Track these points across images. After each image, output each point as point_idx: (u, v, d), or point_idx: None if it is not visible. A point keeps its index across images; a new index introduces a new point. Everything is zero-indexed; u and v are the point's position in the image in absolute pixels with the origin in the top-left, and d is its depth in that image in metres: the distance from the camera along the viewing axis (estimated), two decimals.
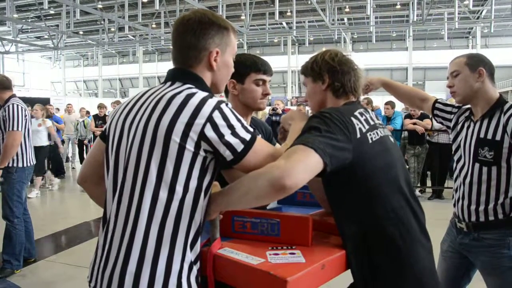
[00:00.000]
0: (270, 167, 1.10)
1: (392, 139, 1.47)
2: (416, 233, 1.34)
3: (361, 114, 1.37)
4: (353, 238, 1.31)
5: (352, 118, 1.31)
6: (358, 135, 1.29)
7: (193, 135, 1.11)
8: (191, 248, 1.17)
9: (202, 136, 1.11)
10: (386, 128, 1.49)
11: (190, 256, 1.16)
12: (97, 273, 1.20)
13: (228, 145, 1.13)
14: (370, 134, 1.33)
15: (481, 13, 24.15)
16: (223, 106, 1.15)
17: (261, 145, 1.19)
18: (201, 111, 1.12)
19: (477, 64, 1.93)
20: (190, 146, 1.11)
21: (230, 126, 1.13)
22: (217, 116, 1.12)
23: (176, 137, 1.11)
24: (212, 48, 1.26)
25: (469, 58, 1.97)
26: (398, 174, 1.36)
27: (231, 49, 1.32)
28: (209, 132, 1.11)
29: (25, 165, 3.79)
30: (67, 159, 11.15)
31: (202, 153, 1.13)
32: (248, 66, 1.70)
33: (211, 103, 1.13)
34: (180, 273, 1.13)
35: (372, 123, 1.38)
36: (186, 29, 1.25)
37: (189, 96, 1.15)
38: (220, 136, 1.12)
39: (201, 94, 1.16)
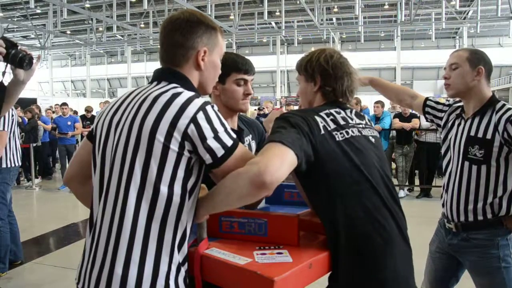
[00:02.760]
0: (248, 164, 1.10)
1: (372, 139, 1.44)
2: (393, 235, 1.31)
3: (329, 114, 1.36)
4: (329, 237, 1.31)
5: (316, 117, 1.33)
6: (322, 132, 1.30)
7: (177, 135, 1.10)
8: (179, 249, 1.16)
9: (185, 136, 1.10)
10: (369, 129, 1.46)
11: (178, 257, 1.15)
12: (84, 274, 1.19)
13: (209, 149, 1.12)
14: (336, 133, 1.32)
15: (467, 13, 24.42)
16: (208, 107, 1.14)
17: (243, 153, 1.18)
18: (186, 111, 1.11)
19: (478, 61, 1.89)
20: (174, 146, 1.10)
21: (213, 130, 1.12)
22: (201, 117, 1.11)
23: (160, 137, 1.10)
24: (200, 47, 1.25)
25: (471, 53, 1.93)
26: (373, 174, 1.34)
27: (219, 50, 1.32)
28: (192, 133, 1.10)
29: (9, 165, 3.72)
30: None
31: (186, 153, 1.12)
32: (228, 66, 1.64)
33: (197, 103, 1.13)
34: (168, 274, 1.13)
35: (342, 123, 1.37)
36: (174, 28, 1.24)
37: (175, 96, 1.14)
38: (202, 138, 1.11)
39: (187, 94, 1.15)
